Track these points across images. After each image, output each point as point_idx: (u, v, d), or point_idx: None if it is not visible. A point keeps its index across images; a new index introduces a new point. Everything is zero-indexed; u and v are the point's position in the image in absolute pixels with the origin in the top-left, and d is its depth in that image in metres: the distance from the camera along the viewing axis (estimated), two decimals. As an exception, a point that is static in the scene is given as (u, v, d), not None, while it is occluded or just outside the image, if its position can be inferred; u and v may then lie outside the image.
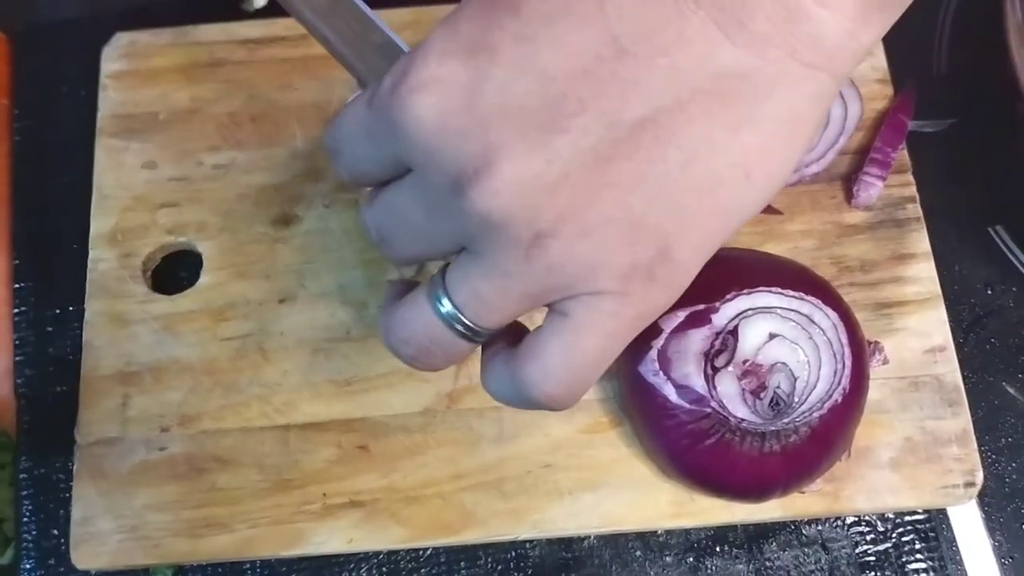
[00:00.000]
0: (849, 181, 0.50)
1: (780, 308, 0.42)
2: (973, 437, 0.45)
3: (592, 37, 0.27)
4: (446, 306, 0.31)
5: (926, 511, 0.46)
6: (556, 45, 0.27)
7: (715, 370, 0.42)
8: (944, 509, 0.47)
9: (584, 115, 0.27)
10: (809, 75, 0.28)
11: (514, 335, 0.33)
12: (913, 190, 0.50)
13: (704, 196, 0.28)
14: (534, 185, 0.28)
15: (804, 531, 0.46)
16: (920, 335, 0.47)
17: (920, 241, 0.49)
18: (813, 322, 0.42)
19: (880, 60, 0.52)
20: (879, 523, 0.46)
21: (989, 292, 0.50)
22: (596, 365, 0.31)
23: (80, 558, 0.45)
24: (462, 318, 0.31)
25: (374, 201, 0.33)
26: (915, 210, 0.49)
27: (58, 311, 0.51)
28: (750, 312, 0.42)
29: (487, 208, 0.28)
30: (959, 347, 0.47)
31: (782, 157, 0.29)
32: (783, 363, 0.42)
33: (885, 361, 0.47)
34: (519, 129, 0.27)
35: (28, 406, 0.49)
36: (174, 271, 0.51)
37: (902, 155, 0.50)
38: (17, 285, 0.52)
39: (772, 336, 0.42)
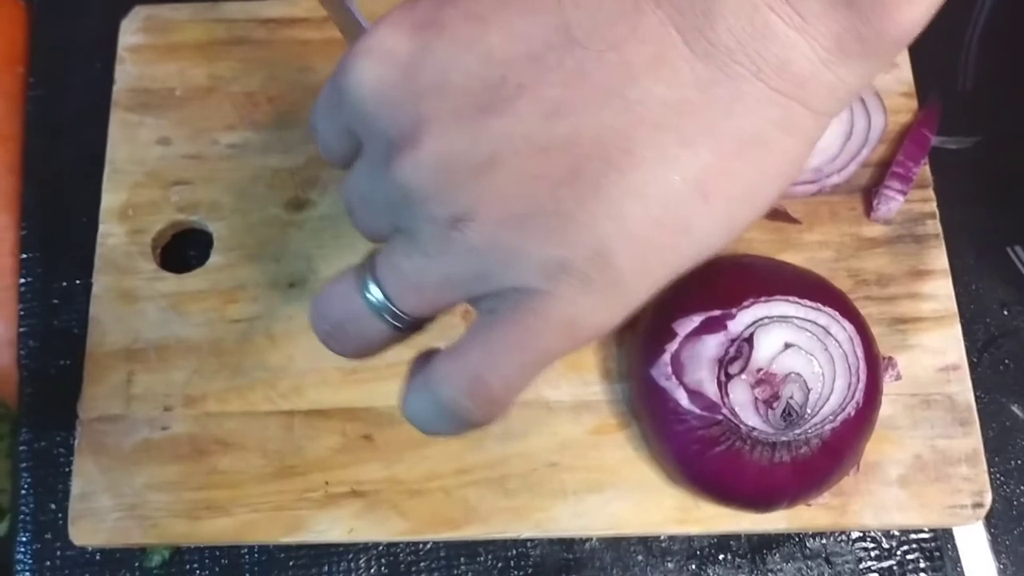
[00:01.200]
0: (869, 194, 0.49)
1: (797, 318, 0.42)
2: (983, 458, 0.45)
3: (543, 23, 0.27)
4: (368, 281, 0.30)
5: (932, 530, 0.46)
6: (505, 27, 0.27)
7: (728, 377, 0.42)
8: (950, 529, 0.46)
9: (521, 100, 0.26)
10: (776, 99, 0.27)
11: None
12: (933, 206, 0.49)
13: (650, 206, 0.27)
14: (458, 164, 0.27)
15: (808, 544, 0.46)
16: (934, 352, 0.47)
17: (938, 258, 0.48)
18: (829, 334, 0.42)
19: (906, 73, 0.51)
20: (884, 540, 0.46)
21: (1005, 312, 0.50)
22: (519, 368, 0.29)
23: (78, 534, 0.44)
24: (380, 295, 0.30)
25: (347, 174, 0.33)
26: (935, 226, 0.49)
27: (64, 284, 0.50)
28: (766, 320, 0.42)
29: (407, 180, 0.27)
30: (972, 367, 0.47)
31: (747, 184, 0.27)
32: (797, 373, 0.42)
33: (898, 377, 0.46)
34: (452, 106, 0.27)
35: (31, 378, 0.49)
36: (182, 249, 0.50)
37: (923, 170, 0.50)
38: (24, 255, 0.51)
39: (787, 346, 0.42)
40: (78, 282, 0.50)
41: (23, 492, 0.47)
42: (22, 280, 0.51)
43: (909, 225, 0.49)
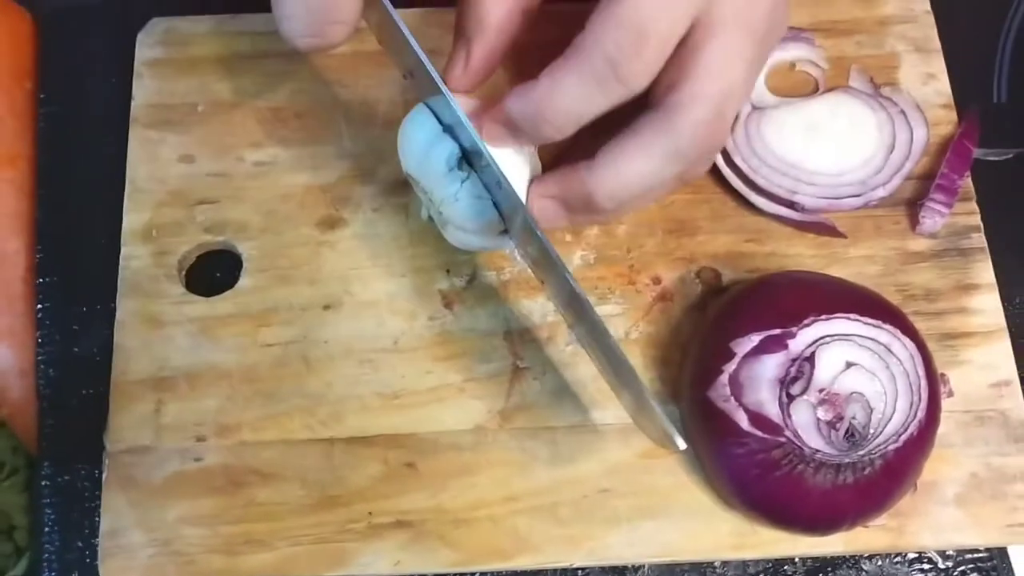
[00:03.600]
0: (913, 207, 0.48)
1: (858, 336, 0.41)
2: (1039, 475, 0.44)
3: None
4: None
5: (987, 548, 0.45)
6: None
7: (790, 398, 0.40)
8: (1004, 547, 0.45)
9: None
10: None
11: None
12: (978, 219, 0.49)
13: None
14: None
15: (864, 566, 0.45)
16: (985, 368, 0.46)
17: (984, 271, 0.48)
18: (891, 352, 0.41)
19: (944, 85, 0.51)
20: (940, 560, 0.45)
21: (1050, 326, 0.49)
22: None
23: (108, 573, 0.42)
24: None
25: None
26: (980, 240, 0.48)
27: (84, 309, 0.48)
28: (828, 339, 0.41)
29: None
30: (1022, 382, 0.46)
31: None
32: (860, 393, 0.40)
33: (950, 394, 0.45)
34: None
35: (51, 409, 0.47)
36: (208, 271, 0.48)
37: (966, 183, 0.49)
38: (41, 280, 0.49)
39: (849, 364, 0.41)
40: (98, 307, 0.48)
41: (46, 530, 0.45)
42: (39, 306, 0.48)
43: (954, 239, 0.48)
